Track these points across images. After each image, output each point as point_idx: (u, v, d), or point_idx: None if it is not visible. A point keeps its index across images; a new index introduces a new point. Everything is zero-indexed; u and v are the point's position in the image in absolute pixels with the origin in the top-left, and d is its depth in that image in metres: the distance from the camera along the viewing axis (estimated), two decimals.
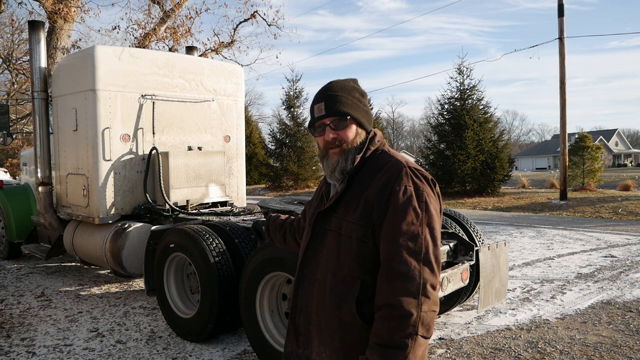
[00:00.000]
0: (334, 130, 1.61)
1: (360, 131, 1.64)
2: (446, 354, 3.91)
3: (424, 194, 1.51)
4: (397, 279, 1.43)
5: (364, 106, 1.65)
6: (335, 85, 1.64)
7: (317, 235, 1.64)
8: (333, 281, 1.56)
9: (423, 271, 1.44)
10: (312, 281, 1.62)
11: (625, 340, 4.10)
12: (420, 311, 1.41)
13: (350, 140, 1.61)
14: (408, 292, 1.42)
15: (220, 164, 5.96)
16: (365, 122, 1.64)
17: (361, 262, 1.53)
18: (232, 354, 3.99)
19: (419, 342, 1.41)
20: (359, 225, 1.53)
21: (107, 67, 5.27)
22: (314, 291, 1.61)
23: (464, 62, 20.27)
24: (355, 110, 1.61)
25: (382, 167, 1.57)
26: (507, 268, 4.07)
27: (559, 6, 15.46)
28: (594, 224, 11.21)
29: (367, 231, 1.52)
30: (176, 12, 13.58)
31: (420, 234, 1.46)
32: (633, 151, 71.16)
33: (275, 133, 27.52)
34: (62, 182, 5.93)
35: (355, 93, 1.64)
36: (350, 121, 1.61)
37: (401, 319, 1.40)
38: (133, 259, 5.20)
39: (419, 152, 32.12)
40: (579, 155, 19.38)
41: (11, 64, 19.73)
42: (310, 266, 1.64)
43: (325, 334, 1.57)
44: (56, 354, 4.04)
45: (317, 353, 1.61)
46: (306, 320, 1.63)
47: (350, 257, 1.54)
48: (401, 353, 1.39)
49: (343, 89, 1.63)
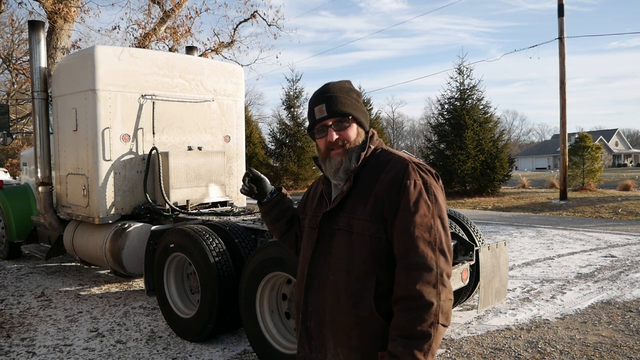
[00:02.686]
0: (337, 130, 1.62)
1: (361, 131, 1.67)
2: (446, 354, 3.91)
3: (432, 186, 1.55)
4: (415, 270, 1.46)
5: (361, 106, 1.68)
6: (333, 87, 1.66)
7: (324, 236, 1.64)
8: (348, 279, 1.56)
9: (439, 261, 1.48)
10: (323, 283, 1.62)
11: (625, 340, 4.10)
12: (440, 300, 1.45)
13: (353, 140, 1.63)
14: (427, 282, 1.45)
15: (220, 164, 5.96)
16: (364, 122, 1.68)
17: (375, 258, 1.55)
18: (232, 354, 3.99)
19: (440, 330, 1.45)
20: (370, 222, 1.55)
21: (107, 67, 5.27)
22: (326, 292, 1.60)
23: (464, 62, 20.30)
24: (355, 110, 1.64)
25: (386, 164, 1.60)
26: (507, 268, 4.07)
27: (559, 6, 15.46)
28: (594, 224, 11.21)
29: (379, 227, 1.54)
30: (176, 12, 13.58)
31: (433, 225, 1.50)
32: (633, 151, 71.17)
33: (275, 133, 27.53)
34: (62, 182, 5.93)
35: (352, 94, 1.67)
36: (352, 121, 1.63)
37: (423, 309, 1.43)
38: (133, 259, 5.20)
39: (419, 152, 32.13)
40: (579, 155, 19.37)
41: (11, 64, 19.74)
42: (320, 268, 1.63)
43: (341, 334, 1.57)
44: (56, 354, 4.04)
45: (332, 355, 1.60)
46: (319, 323, 1.63)
47: (364, 253, 1.55)
48: (425, 342, 1.42)
49: (341, 90, 1.65)
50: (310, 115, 1.67)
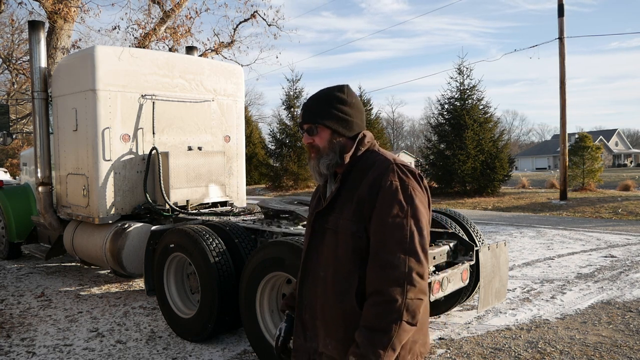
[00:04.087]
0: (309, 135, 1.73)
1: (337, 137, 1.72)
2: (446, 354, 3.91)
3: (410, 187, 1.60)
4: (384, 267, 1.53)
5: (341, 113, 1.71)
6: (313, 95, 1.76)
7: (317, 234, 1.73)
8: (334, 277, 1.65)
9: (408, 260, 1.53)
10: (315, 278, 1.72)
11: (625, 340, 4.10)
12: (406, 298, 1.50)
13: (323, 147, 1.71)
14: (394, 280, 1.51)
15: (220, 164, 5.96)
16: (341, 128, 1.71)
17: (357, 257, 1.62)
18: (232, 354, 3.99)
19: (403, 327, 1.50)
20: (352, 222, 1.62)
21: (107, 67, 5.27)
22: (318, 287, 1.70)
23: (464, 62, 20.29)
24: (326, 119, 1.70)
25: (372, 166, 1.66)
26: (507, 268, 4.07)
27: (559, 6, 15.46)
28: (594, 224, 11.21)
29: (360, 226, 1.61)
30: (176, 12, 13.58)
31: (406, 225, 1.55)
32: (633, 151, 71.16)
33: (275, 133, 27.54)
34: (62, 182, 5.93)
35: (333, 102, 1.71)
36: (321, 128, 1.71)
37: (387, 305, 1.50)
38: (133, 259, 5.20)
39: (419, 152, 32.12)
40: (579, 155, 19.37)
41: (11, 64, 19.73)
42: (312, 263, 1.73)
43: (330, 326, 1.67)
44: (56, 354, 4.04)
45: (323, 345, 1.70)
46: (312, 314, 1.73)
47: (348, 252, 1.63)
48: (385, 336, 1.48)
49: (319, 99, 1.73)
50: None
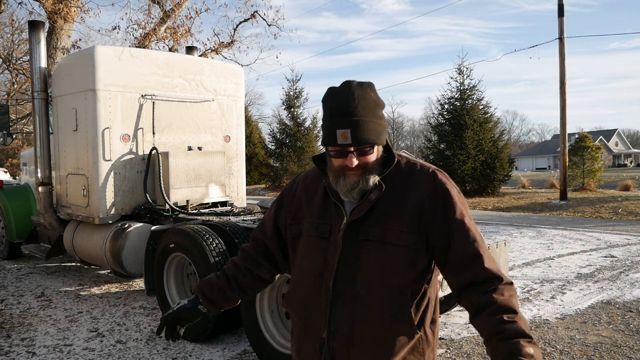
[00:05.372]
0: (359, 156, 1.50)
1: (380, 149, 1.57)
2: (446, 354, 3.91)
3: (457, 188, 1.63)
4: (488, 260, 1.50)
5: (383, 121, 1.55)
6: (359, 106, 1.46)
7: (347, 248, 1.53)
8: (385, 294, 1.50)
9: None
10: (350, 299, 1.51)
11: (625, 340, 4.10)
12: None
13: (372, 163, 1.53)
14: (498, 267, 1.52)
15: (220, 164, 5.96)
16: (385, 139, 1.57)
17: (412, 270, 1.52)
18: (232, 354, 3.99)
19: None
20: (407, 233, 1.50)
21: (107, 67, 5.26)
22: (355, 309, 1.50)
23: (464, 63, 20.32)
24: (380, 136, 1.52)
25: (413, 173, 1.58)
26: (507, 268, 4.08)
27: (559, 6, 15.47)
28: (594, 224, 11.21)
29: (418, 238, 1.51)
30: (176, 12, 13.57)
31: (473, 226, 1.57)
32: (633, 151, 71.15)
33: (275, 133, 27.53)
34: (62, 182, 5.93)
35: (377, 110, 1.52)
36: (375, 146, 1.53)
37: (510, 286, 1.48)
38: (133, 259, 5.20)
39: (419, 152, 32.11)
40: (579, 155, 19.37)
41: (11, 64, 19.72)
42: (345, 283, 1.52)
43: (374, 351, 1.50)
44: (56, 354, 4.04)
45: None
46: (344, 342, 1.52)
47: (401, 265, 1.50)
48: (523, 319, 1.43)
49: (367, 110, 1.48)
50: (329, 129, 1.49)
